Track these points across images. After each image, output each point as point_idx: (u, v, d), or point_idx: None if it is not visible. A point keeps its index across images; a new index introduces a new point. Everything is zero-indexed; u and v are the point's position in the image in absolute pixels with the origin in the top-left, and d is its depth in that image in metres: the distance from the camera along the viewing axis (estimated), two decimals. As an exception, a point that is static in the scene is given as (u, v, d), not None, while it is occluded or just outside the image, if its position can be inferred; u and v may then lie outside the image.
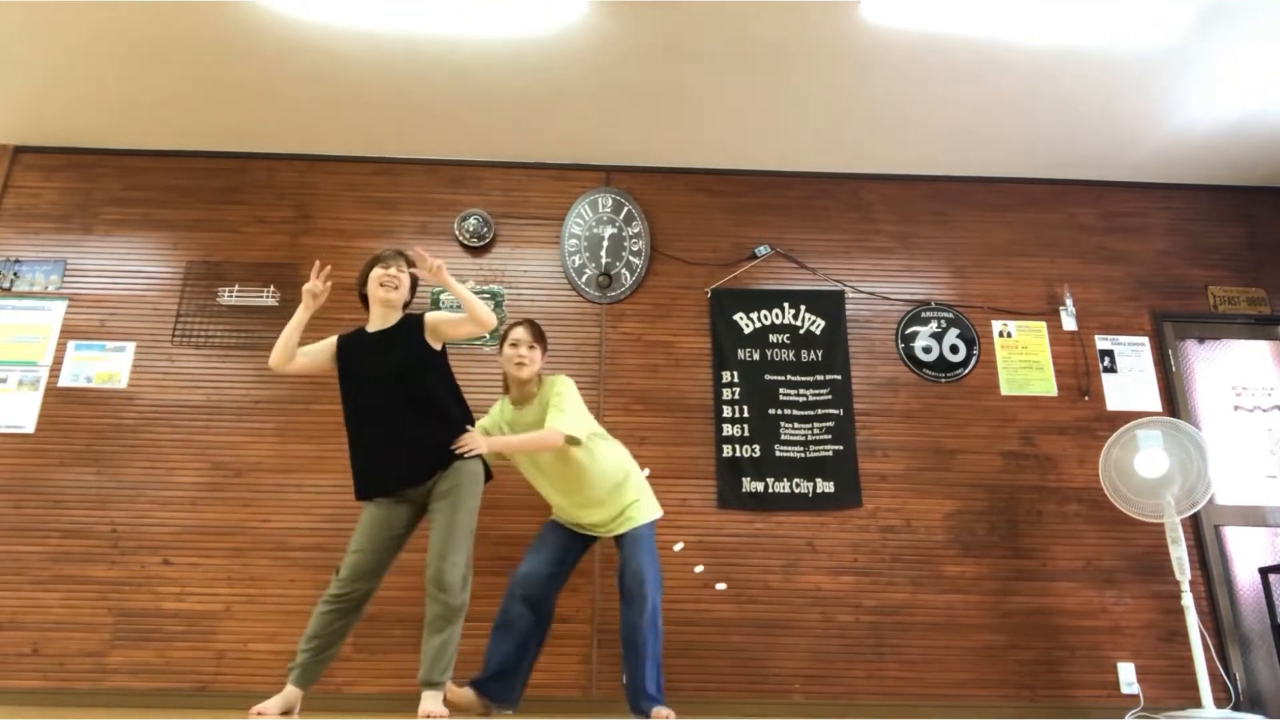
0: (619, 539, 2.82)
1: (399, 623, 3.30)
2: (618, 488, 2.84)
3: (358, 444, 2.64)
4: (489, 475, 2.73)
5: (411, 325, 2.72)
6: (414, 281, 2.83)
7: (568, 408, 2.74)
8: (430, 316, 2.73)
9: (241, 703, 3.17)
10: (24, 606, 3.29)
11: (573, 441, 2.72)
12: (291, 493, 3.48)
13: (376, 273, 2.72)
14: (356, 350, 2.71)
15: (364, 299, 2.79)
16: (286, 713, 2.46)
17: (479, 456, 2.65)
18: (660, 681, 2.72)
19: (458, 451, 2.58)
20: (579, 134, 3.85)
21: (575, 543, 2.91)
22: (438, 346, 2.71)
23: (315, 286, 2.68)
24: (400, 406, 2.59)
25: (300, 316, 2.66)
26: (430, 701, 2.42)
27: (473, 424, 2.72)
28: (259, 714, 2.39)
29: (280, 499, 3.47)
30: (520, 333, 2.81)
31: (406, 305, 2.84)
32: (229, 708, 3.13)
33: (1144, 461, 3.23)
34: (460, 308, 2.70)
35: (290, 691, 2.49)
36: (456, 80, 3.49)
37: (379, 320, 2.73)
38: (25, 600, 3.29)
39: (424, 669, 2.46)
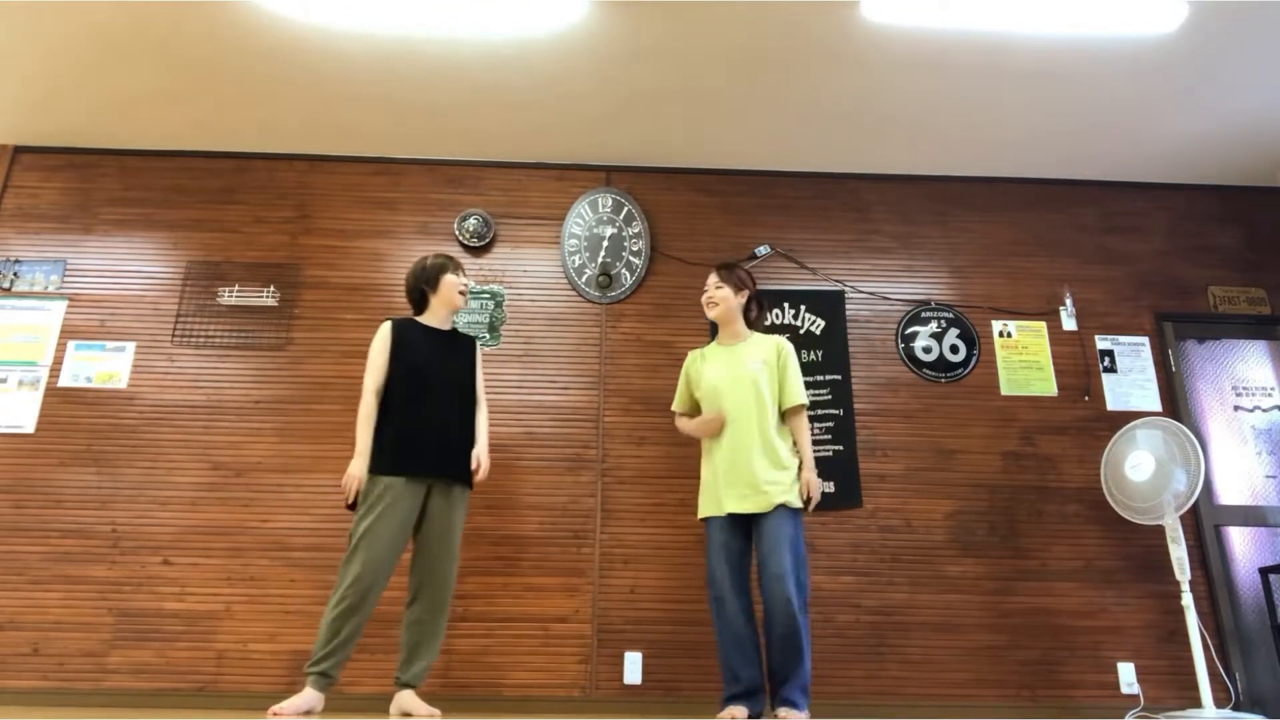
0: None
1: (399, 623, 3.29)
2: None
3: (416, 415, 2.71)
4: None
5: (471, 348, 2.96)
6: None
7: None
8: (479, 350, 3.02)
9: (242, 703, 3.17)
10: (24, 606, 3.29)
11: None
12: (291, 493, 3.48)
13: (456, 280, 2.90)
14: (421, 338, 2.84)
15: (419, 294, 2.92)
16: (307, 713, 2.46)
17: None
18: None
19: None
20: (579, 134, 3.85)
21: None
22: None
23: None
24: (457, 405, 2.82)
25: None
26: (412, 700, 2.57)
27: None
28: (275, 714, 2.38)
29: (280, 499, 3.47)
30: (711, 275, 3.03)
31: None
32: (229, 708, 3.13)
33: (1137, 465, 3.24)
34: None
35: (309, 693, 2.48)
36: (457, 80, 3.49)
37: (438, 321, 2.92)
38: (25, 600, 3.29)
39: (413, 672, 2.61)
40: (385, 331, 2.82)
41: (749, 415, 2.80)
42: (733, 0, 3.02)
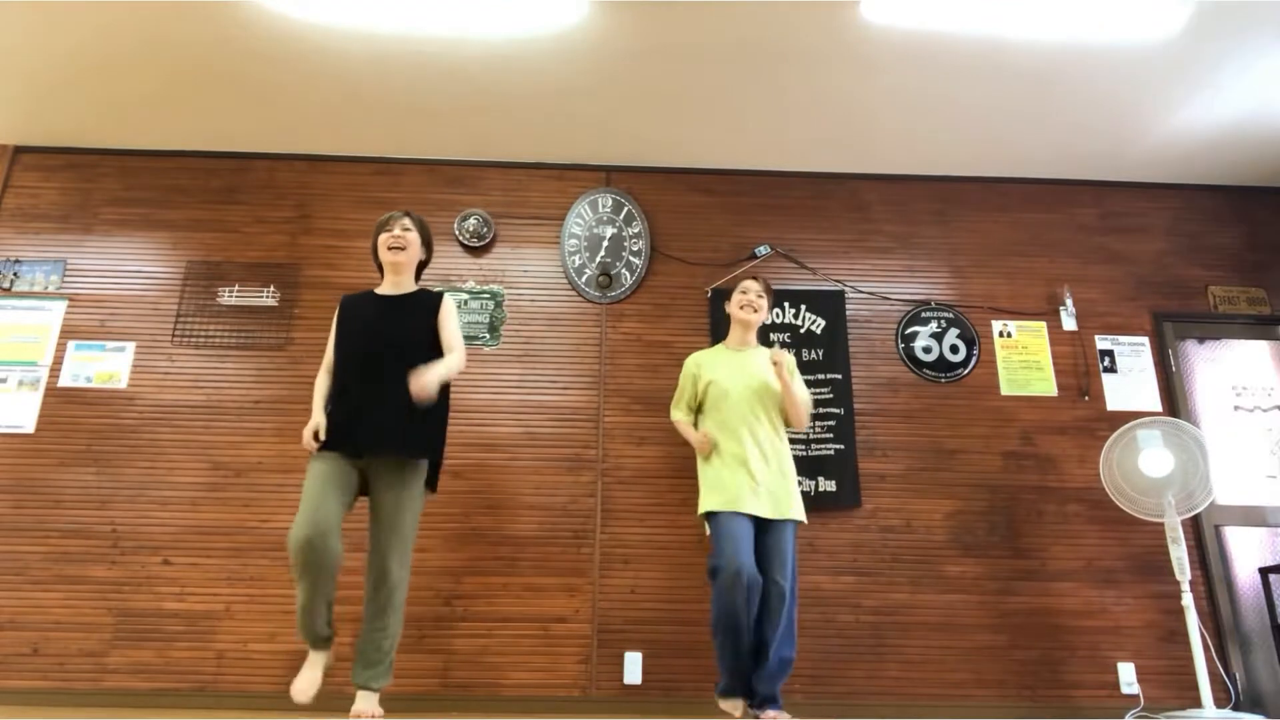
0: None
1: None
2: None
3: (344, 396, 2.60)
4: (433, 489, 2.72)
5: (428, 303, 2.75)
6: (426, 238, 2.84)
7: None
8: (449, 303, 2.77)
9: (242, 703, 3.18)
10: (24, 606, 3.29)
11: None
12: (291, 493, 3.48)
13: (383, 237, 2.77)
14: (364, 309, 2.72)
15: (380, 265, 2.83)
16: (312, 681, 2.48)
17: (429, 469, 2.67)
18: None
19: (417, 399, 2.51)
20: (579, 134, 3.85)
21: None
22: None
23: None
24: (396, 376, 2.56)
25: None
26: (366, 701, 2.44)
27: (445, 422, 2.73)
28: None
29: (280, 499, 3.47)
30: (751, 282, 3.08)
31: (424, 266, 2.88)
32: (229, 708, 3.13)
33: (1148, 461, 3.22)
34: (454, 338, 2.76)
35: (314, 657, 2.49)
36: (456, 80, 3.49)
37: (391, 285, 2.78)
38: (25, 600, 3.29)
39: (365, 673, 2.45)
40: (338, 309, 2.78)
41: (758, 419, 2.89)
42: (733, 0, 3.02)
